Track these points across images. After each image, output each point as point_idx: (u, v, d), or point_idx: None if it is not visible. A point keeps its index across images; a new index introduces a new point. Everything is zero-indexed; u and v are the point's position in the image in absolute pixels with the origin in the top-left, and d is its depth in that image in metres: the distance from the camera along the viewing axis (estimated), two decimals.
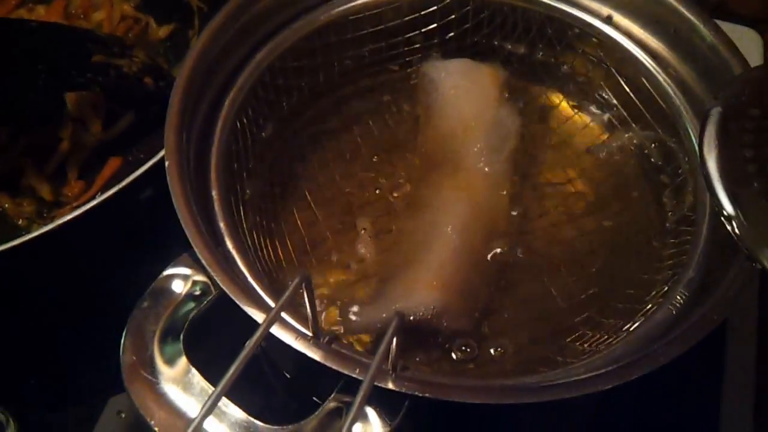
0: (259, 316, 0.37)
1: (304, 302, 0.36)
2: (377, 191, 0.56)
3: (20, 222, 0.60)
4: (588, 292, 0.51)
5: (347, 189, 0.56)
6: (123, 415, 0.54)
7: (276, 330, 0.37)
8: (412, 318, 0.47)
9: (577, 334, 0.49)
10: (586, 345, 0.48)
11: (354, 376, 0.36)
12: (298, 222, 0.54)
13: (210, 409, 0.31)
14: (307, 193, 0.56)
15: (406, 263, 0.50)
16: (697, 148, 0.49)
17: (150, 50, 0.69)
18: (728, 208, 0.41)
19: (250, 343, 0.32)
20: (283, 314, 0.40)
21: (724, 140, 0.44)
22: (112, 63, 0.62)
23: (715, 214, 0.46)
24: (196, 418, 0.31)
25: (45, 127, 0.61)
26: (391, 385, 0.36)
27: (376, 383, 0.35)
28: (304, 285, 0.34)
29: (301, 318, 0.39)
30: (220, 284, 0.38)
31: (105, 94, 0.62)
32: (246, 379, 0.52)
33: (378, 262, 0.52)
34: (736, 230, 0.41)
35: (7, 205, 0.60)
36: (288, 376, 0.50)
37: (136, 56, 0.64)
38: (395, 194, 0.55)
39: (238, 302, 0.37)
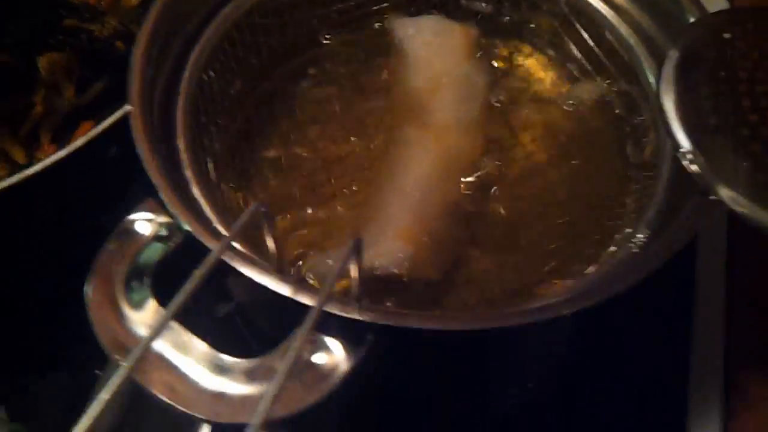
0: (215, 246, 0.37)
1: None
2: (349, 148, 0.56)
3: None
4: (556, 241, 0.52)
5: (318, 146, 0.57)
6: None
7: (235, 262, 0.37)
8: (379, 268, 0.47)
9: (545, 281, 0.50)
10: (551, 290, 0.49)
11: (310, 305, 0.36)
12: (268, 178, 0.55)
13: (159, 329, 0.31)
14: (276, 150, 0.56)
15: (375, 215, 0.51)
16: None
17: (123, 17, 0.69)
18: (685, 143, 0.42)
19: (203, 265, 0.32)
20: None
21: (680, 81, 0.45)
22: (83, 27, 0.62)
23: (673, 155, 0.47)
24: (146, 336, 0.31)
25: (18, 92, 0.61)
26: (353, 314, 0.36)
27: (339, 313, 0.36)
28: (264, 217, 0.35)
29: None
30: (180, 219, 0.38)
31: (77, 58, 0.62)
32: (217, 328, 0.53)
33: (349, 216, 0.53)
34: (693, 165, 0.42)
35: None
36: (259, 324, 0.51)
37: (108, 22, 0.64)
38: (367, 150, 0.56)
39: (195, 233, 0.37)
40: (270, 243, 0.36)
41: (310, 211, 0.53)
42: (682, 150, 0.42)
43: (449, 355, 0.46)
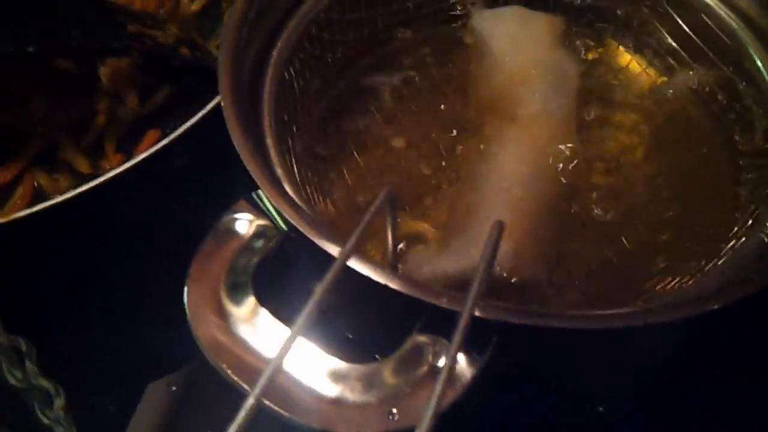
0: (334, 249, 0.34)
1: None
2: (430, 146, 0.53)
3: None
4: (660, 237, 0.48)
5: (397, 145, 0.54)
6: (174, 388, 0.51)
7: (352, 262, 0.34)
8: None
9: (654, 280, 0.47)
10: (666, 288, 0.45)
11: (449, 308, 0.33)
12: (348, 180, 0.52)
13: (287, 347, 0.28)
14: (354, 152, 0.53)
15: (471, 215, 0.48)
16: (766, 77, 0.48)
17: (182, 26, 0.68)
18: None
19: (327, 276, 0.29)
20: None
21: None
22: (146, 33, 0.60)
23: None
24: (274, 358, 0.28)
25: (80, 100, 0.59)
26: (479, 313, 0.33)
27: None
28: (390, 205, 0.32)
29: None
30: (291, 221, 0.35)
31: (141, 64, 0.60)
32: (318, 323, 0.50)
33: (438, 217, 0.50)
34: None
35: (42, 181, 0.58)
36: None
37: (169, 29, 0.63)
38: (450, 147, 0.53)
39: (312, 237, 0.34)
40: (389, 236, 0.33)
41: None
42: None
43: (565, 355, 0.42)
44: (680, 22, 0.53)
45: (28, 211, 0.45)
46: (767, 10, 0.49)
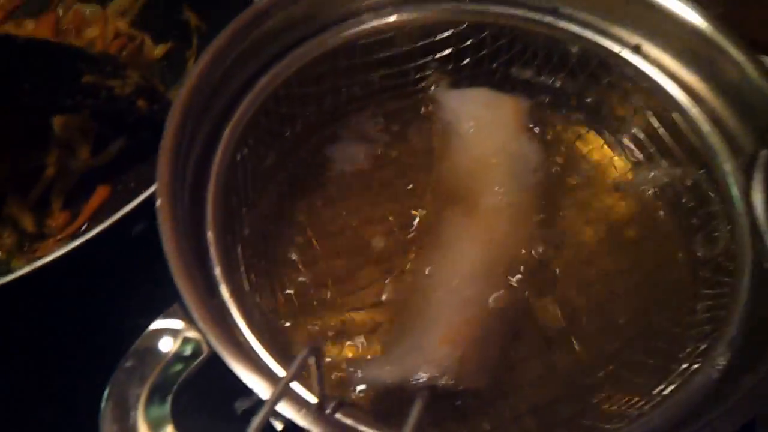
0: (263, 390, 0.32)
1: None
2: (385, 230, 0.52)
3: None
4: (612, 344, 0.47)
5: (352, 226, 0.52)
6: None
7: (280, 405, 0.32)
8: (421, 378, 0.42)
9: (603, 395, 0.45)
10: (614, 407, 0.44)
11: None
12: (299, 263, 0.50)
13: None
14: (309, 231, 0.52)
15: (416, 316, 0.46)
16: (735, 190, 0.46)
17: (145, 70, 0.65)
18: None
19: (253, 424, 0.27)
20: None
21: None
22: (103, 84, 0.57)
23: (759, 265, 0.43)
24: None
25: (29, 151, 0.57)
26: None
27: None
28: (315, 357, 0.30)
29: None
30: (223, 356, 0.34)
31: (95, 118, 0.57)
32: None
33: (384, 309, 0.48)
34: None
35: None
36: None
37: (129, 76, 0.60)
38: (405, 234, 0.51)
39: (240, 376, 0.33)
40: (314, 383, 0.32)
41: (341, 302, 0.49)
42: None
43: None
44: (651, 116, 0.52)
45: None
46: (742, 117, 0.48)
